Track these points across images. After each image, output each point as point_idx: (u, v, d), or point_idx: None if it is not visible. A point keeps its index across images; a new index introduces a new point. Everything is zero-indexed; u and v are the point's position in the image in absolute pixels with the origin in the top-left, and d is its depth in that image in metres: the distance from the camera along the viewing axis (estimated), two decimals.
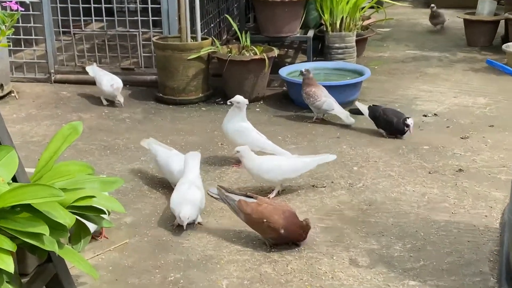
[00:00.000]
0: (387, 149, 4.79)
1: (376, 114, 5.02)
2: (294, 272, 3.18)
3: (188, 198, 3.57)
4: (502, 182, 4.15)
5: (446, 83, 6.53)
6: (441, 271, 3.17)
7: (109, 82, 5.73)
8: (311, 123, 5.35)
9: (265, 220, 3.31)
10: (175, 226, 3.61)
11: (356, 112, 5.24)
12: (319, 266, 3.22)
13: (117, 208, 2.65)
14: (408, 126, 4.89)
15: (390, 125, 4.95)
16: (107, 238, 3.50)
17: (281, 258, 3.31)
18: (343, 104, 5.62)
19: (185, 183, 3.69)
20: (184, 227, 3.51)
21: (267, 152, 4.52)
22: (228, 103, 4.73)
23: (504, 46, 6.98)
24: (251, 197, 3.49)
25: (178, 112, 5.74)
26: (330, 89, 5.60)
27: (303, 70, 5.37)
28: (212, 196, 3.60)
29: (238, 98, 4.53)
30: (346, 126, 5.27)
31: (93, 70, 5.96)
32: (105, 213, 2.68)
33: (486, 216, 3.72)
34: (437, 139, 4.95)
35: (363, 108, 5.17)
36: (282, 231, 3.29)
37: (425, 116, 5.48)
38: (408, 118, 4.92)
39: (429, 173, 4.33)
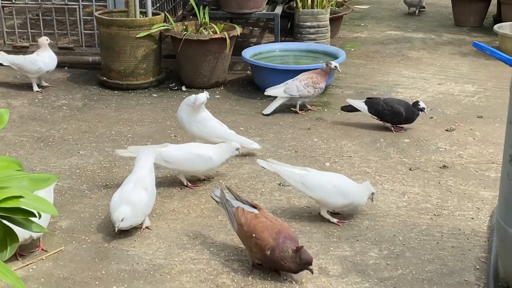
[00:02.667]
0: (363, 142, 4.82)
1: (378, 108, 4.97)
2: (256, 283, 3.17)
3: (130, 199, 3.52)
4: (491, 180, 4.22)
5: (431, 68, 6.61)
6: (422, 281, 3.20)
7: (34, 59, 5.60)
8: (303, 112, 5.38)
9: (254, 235, 3.15)
10: (119, 231, 3.56)
11: (349, 109, 5.17)
12: (284, 275, 3.21)
13: (49, 210, 2.57)
14: (422, 109, 4.93)
15: (399, 116, 4.93)
16: (45, 250, 3.42)
17: (241, 267, 3.30)
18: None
19: (131, 182, 3.64)
20: (116, 230, 3.46)
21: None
22: (184, 89, 4.70)
23: (496, 27, 7.08)
24: (255, 207, 3.35)
25: (124, 99, 5.69)
26: (299, 73, 5.61)
27: (332, 65, 5.28)
28: (213, 199, 3.52)
29: (202, 99, 4.43)
30: (318, 117, 5.29)
31: (2, 59, 5.70)
32: (35, 216, 2.62)
33: (472, 218, 3.78)
34: (419, 132, 5.01)
35: (359, 104, 5.08)
36: (268, 252, 3.11)
37: None
38: (417, 102, 4.96)
39: (410, 169, 4.38)
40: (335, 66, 5.32)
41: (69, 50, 6.41)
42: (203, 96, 4.44)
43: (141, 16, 5.90)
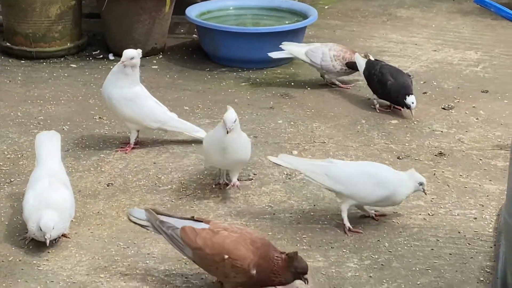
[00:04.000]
0: (340, 124, 4.85)
1: (371, 71, 5.06)
2: None
3: (52, 200, 3.48)
4: (498, 171, 4.28)
5: (424, 30, 6.67)
6: None
7: None
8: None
9: (226, 257, 3.08)
10: (28, 241, 3.52)
11: (351, 66, 5.30)
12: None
13: None
14: (408, 107, 4.87)
15: (383, 88, 4.98)
16: None
17: (185, 284, 3.30)
18: (279, 61, 5.65)
19: (44, 178, 3.60)
20: (47, 243, 3.43)
21: (169, 129, 4.50)
22: (112, 58, 4.65)
23: None
24: (200, 221, 3.25)
25: (34, 71, 5.61)
26: (261, 37, 5.63)
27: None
28: (136, 223, 3.39)
29: (130, 53, 4.39)
30: (283, 93, 5.31)
31: None
32: None
33: (475, 218, 3.84)
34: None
35: (361, 62, 5.20)
36: (254, 271, 3.04)
37: None
38: (410, 94, 4.88)
39: (398, 158, 4.42)
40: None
41: None
42: (133, 51, 4.39)
43: None
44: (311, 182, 3.81)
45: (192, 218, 3.31)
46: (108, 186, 4.08)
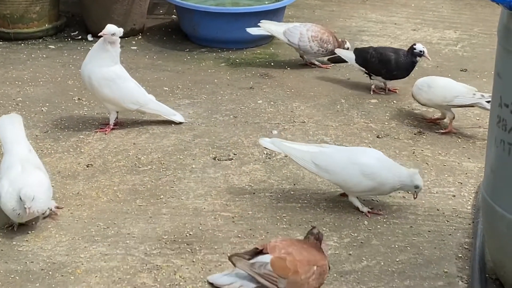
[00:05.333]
0: (319, 104, 4.86)
1: (366, 56, 5.00)
2: (184, 282, 3.18)
3: (27, 184, 3.41)
4: (477, 149, 4.32)
5: (403, 10, 6.68)
6: (391, 274, 3.26)
7: None
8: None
9: (315, 266, 2.97)
10: (16, 227, 3.50)
11: (335, 60, 5.28)
12: (220, 273, 3.24)
13: None
14: (420, 54, 4.87)
15: (388, 65, 4.93)
16: None
17: (166, 263, 3.30)
18: (259, 41, 5.65)
19: (16, 164, 3.51)
20: (27, 212, 3.33)
21: (147, 111, 4.49)
22: (90, 39, 4.63)
23: None
24: (260, 251, 3.02)
25: (12, 52, 5.59)
26: (240, 17, 5.62)
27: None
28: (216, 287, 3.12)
29: (112, 28, 4.38)
30: (263, 73, 5.30)
31: None
32: None
33: (454, 196, 3.86)
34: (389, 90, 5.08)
35: (346, 54, 5.17)
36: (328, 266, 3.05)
37: None
38: (413, 45, 4.91)
39: (378, 137, 4.44)
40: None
41: None
42: (114, 27, 4.35)
43: None
44: (300, 166, 3.80)
45: (253, 251, 3.06)
46: (87, 167, 4.07)
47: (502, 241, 3.04)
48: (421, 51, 4.89)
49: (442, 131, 4.54)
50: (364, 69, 5.04)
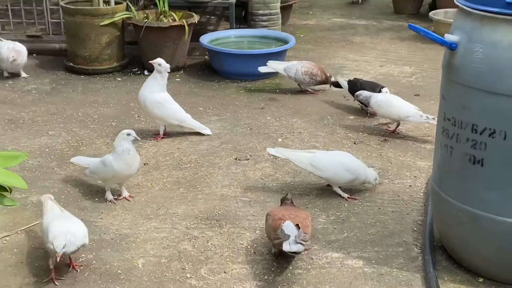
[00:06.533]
0: (312, 120, 4.85)
1: (354, 87, 4.97)
2: (214, 248, 3.17)
3: (67, 228, 2.93)
4: (426, 152, 4.29)
5: (373, 52, 6.66)
6: (365, 242, 3.25)
7: (8, 53, 5.43)
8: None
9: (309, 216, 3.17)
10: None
11: (336, 85, 5.26)
12: (240, 241, 3.23)
13: (18, 184, 2.52)
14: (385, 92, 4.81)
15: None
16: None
17: (201, 234, 3.30)
18: (267, 74, 5.65)
19: (59, 217, 3.05)
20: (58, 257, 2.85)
21: (185, 125, 4.49)
22: (146, 73, 4.62)
23: (431, 14, 7.17)
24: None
25: (90, 83, 5.58)
26: (254, 57, 5.60)
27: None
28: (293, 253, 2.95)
29: (159, 59, 4.40)
30: (271, 97, 5.30)
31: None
32: (6, 191, 2.56)
33: (410, 186, 3.84)
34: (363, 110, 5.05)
35: (343, 82, 5.16)
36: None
37: None
38: (381, 89, 4.86)
39: (354, 143, 4.42)
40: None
41: (37, 38, 6.26)
42: (161, 60, 4.38)
43: (105, 5, 5.79)
44: (298, 167, 3.78)
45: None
46: (144, 165, 4.07)
47: (445, 218, 3.03)
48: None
49: (389, 131, 4.58)
50: (352, 95, 5.03)
